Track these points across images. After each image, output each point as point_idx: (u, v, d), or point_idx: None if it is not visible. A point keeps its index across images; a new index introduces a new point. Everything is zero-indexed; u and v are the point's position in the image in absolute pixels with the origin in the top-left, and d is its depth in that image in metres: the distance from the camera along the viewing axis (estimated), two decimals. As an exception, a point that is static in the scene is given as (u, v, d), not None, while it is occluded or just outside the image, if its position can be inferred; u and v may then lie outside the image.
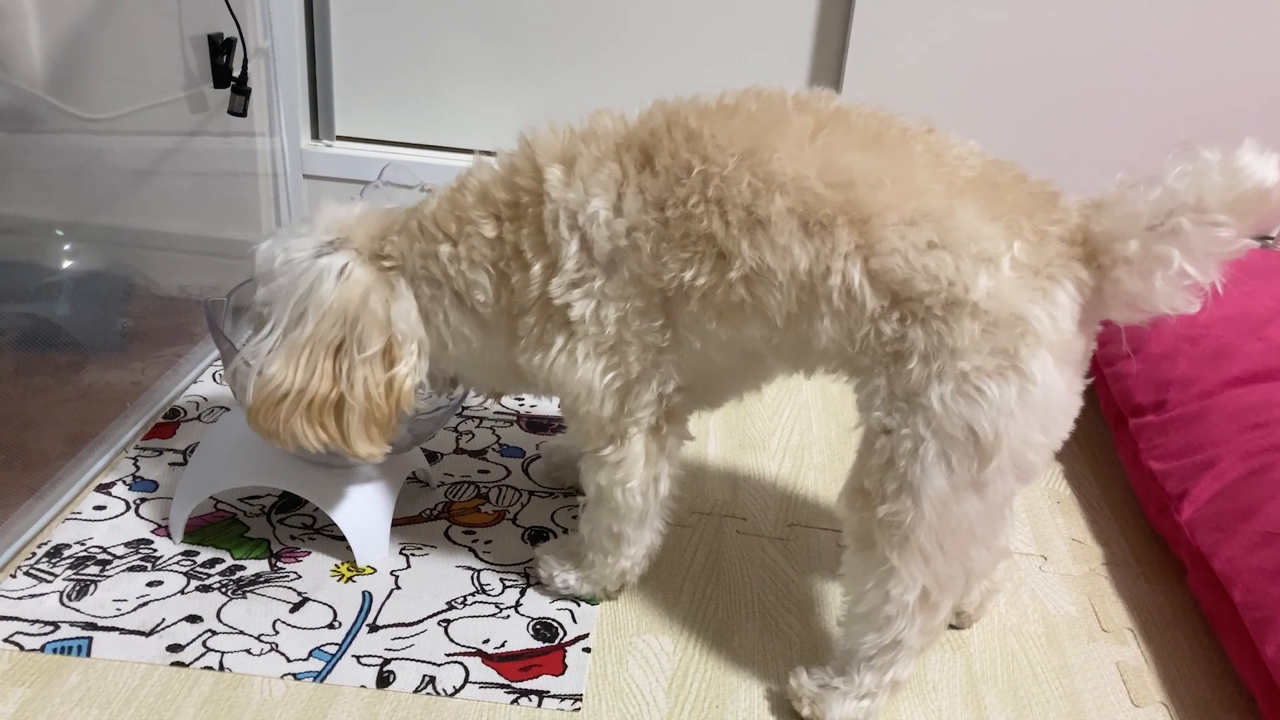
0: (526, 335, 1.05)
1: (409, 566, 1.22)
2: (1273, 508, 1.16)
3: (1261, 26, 1.70)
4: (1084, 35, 1.73)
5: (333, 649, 1.10)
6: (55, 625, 1.09)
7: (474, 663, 1.09)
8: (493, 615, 1.16)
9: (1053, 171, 0.95)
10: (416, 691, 1.05)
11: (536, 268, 1.01)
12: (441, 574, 1.22)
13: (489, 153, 1.07)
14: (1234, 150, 0.82)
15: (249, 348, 1.06)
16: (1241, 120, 1.75)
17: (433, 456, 1.43)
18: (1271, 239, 1.83)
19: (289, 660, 1.08)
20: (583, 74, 1.86)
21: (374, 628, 1.13)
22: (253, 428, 1.06)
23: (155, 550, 1.21)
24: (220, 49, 1.62)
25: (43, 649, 1.06)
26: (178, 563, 1.20)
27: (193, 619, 1.12)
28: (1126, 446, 1.46)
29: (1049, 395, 0.89)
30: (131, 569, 1.18)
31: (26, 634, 1.08)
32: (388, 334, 1.04)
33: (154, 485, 1.32)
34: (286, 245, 1.06)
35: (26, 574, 1.15)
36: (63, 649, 1.06)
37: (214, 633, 1.10)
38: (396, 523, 1.27)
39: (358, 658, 1.09)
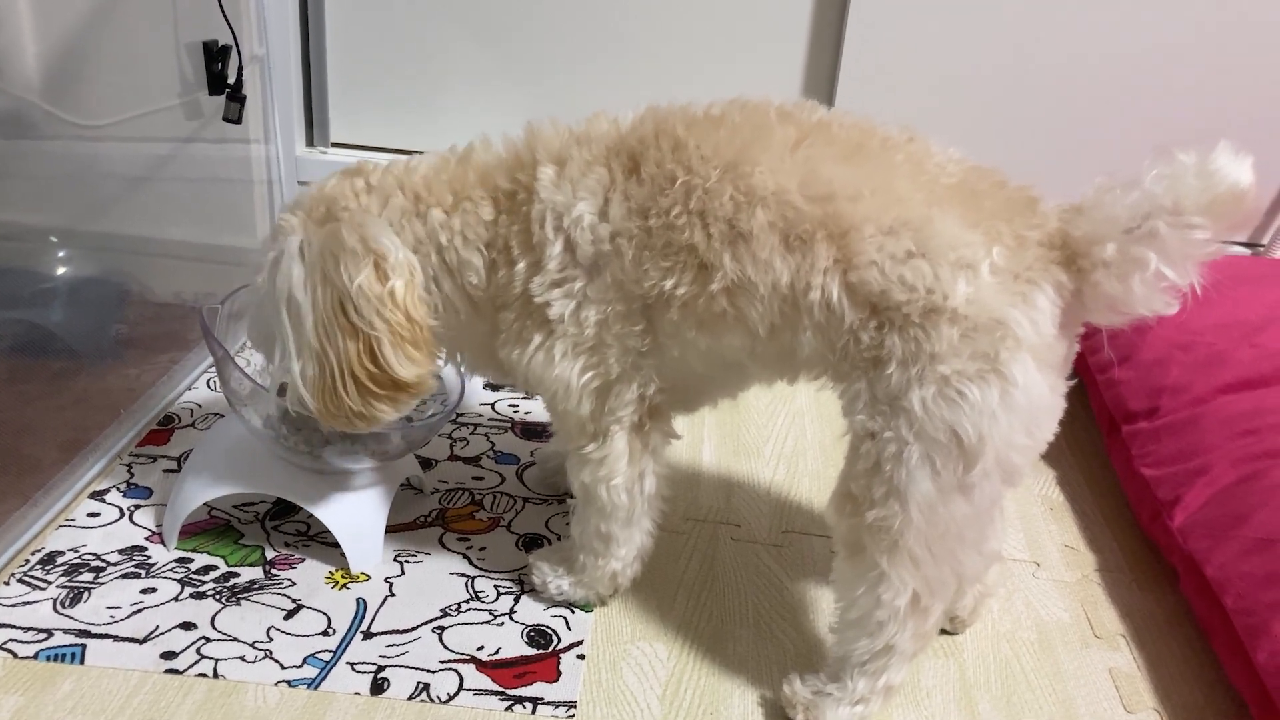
0: (507, 330, 1.05)
1: (403, 573, 1.22)
2: (1264, 514, 1.16)
3: (1247, 35, 1.71)
4: (1076, 46, 1.74)
5: (327, 656, 1.10)
6: (49, 632, 1.09)
7: (468, 670, 1.09)
8: (487, 622, 1.16)
9: (1048, 179, 0.96)
10: (410, 699, 1.05)
11: (521, 265, 1.01)
12: (435, 581, 1.22)
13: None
14: (1209, 153, 0.82)
15: (279, 368, 1.05)
16: (1223, 125, 1.76)
17: (427, 463, 1.43)
18: (1263, 245, 1.84)
19: (283, 667, 1.08)
20: (577, 80, 1.86)
21: (368, 635, 1.13)
22: (332, 424, 1.05)
23: (149, 557, 1.21)
24: (215, 56, 1.62)
25: (36, 656, 1.06)
26: (172, 569, 1.19)
27: (187, 626, 1.11)
28: (1119, 453, 1.46)
29: (1031, 398, 0.89)
30: (125, 576, 1.18)
31: (20, 641, 1.07)
32: (370, 254, 1.00)
33: (148, 492, 1.32)
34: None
35: (20, 581, 1.15)
36: (56, 656, 1.06)
37: (208, 640, 1.10)
38: (390, 530, 1.27)
39: (352, 665, 1.09)
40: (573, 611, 1.19)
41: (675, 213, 0.95)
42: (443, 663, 1.10)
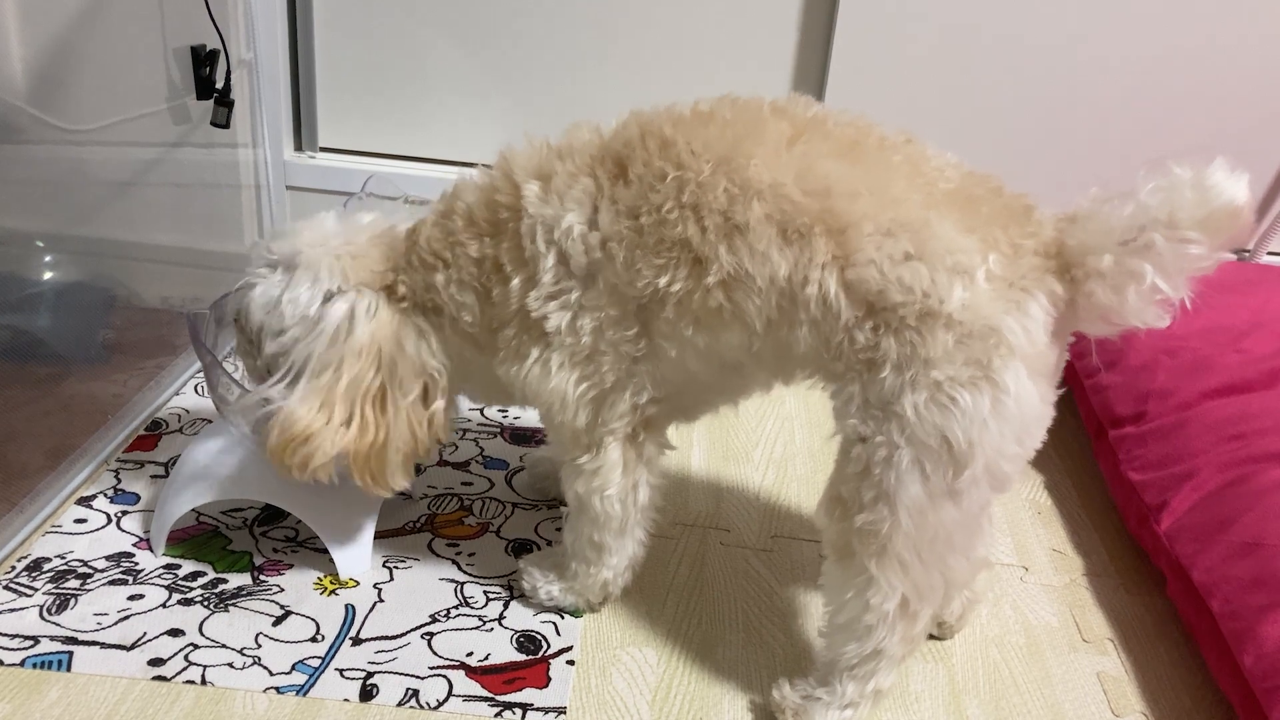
0: (505, 347, 1.05)
1: (392, 579, 1.22)
2: (1250, 518, 1.17)
3: (1242, 45, 1.72)
4: (1069, 46, 1.75)
5: (316, 662, 1.09)
6: (35, 640, 1.08)
7: (457, 676, 1.09)
8: (476, 628, 1.16)
9: (1039, 182, 0.96)
10: (400, 705, 1.05)
11: (516, 281, 1.01)
12: (425, 587, 1.22)
13: (473, 165, 1.07)
14: (1205, 168, 0.83)
15: (267, 390, 1.06)
16: (1219, 134, 1.77)
17: (415, 468, 1.42)
18: (1248, 252, 1.85)
19: (271, 674, 1.07)
20: (566, 85, 1.87)
21: (357, 641, 1.13)
22: (273, 463, 1.07)
23: (137, 563, 1.21)
24: (203, 60, 1.61)
25: (22, 664, 1.05)
26: (159, 576, 1.19)
27: (174, 633, 1.11)
28: (1106, 457, 1.47)
29: (1022, 406, 0.89)
30: (112, 582, 1.17)
31: (6, 649, 1.07)
32: (424, 375, 1.08)
33: (135, 498, 1.31)
34: (292, 297, 1.05)
35: (6, 588, 1.15)
36: (43, 664, 1.06)
37: (196, 646, 1.10)
38: (379, 535, 1.27)
39: (341, 671, 1.08)
40: (562, 617, 1.19)
41: (667, 208, 0.94)
42: (432, 669, 1.10)
